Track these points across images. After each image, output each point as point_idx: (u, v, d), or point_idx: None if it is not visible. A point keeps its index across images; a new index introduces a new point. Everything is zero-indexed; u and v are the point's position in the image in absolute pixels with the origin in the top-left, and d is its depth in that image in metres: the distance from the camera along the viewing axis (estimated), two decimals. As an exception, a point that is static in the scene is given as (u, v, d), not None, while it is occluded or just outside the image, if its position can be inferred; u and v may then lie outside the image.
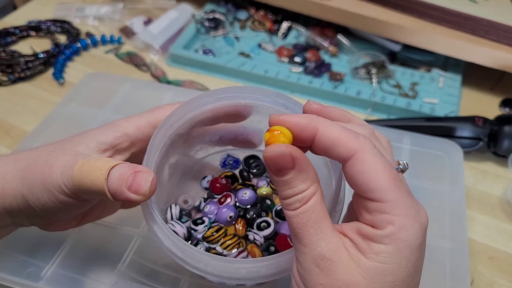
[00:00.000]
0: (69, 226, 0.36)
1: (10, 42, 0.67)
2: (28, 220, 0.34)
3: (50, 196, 0.30)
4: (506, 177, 0.52)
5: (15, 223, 0.34)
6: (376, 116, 0.59)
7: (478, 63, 0.60)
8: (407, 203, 0.24)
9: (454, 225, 0.44)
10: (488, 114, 0.55)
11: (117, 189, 0.29)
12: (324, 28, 0.69)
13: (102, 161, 0.30)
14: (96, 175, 0.29)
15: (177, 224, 0.35)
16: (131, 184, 0.29)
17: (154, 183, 0.29)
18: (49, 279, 0.38)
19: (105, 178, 0.29)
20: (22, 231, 0.40)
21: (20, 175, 0.31)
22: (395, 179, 0.24)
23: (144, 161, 0.31)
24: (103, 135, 0.33)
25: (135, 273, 0.39)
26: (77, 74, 0.63)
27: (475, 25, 0.61)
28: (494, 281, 0.43)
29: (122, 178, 0.29)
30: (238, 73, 0.63)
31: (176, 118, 0.32)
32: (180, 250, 0.29)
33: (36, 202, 0.31)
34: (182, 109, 0.32)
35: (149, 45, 0.67)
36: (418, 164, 0.49)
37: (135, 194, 0.29)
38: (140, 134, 0.34)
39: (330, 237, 0.24)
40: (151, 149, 0.32)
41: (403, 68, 0.64)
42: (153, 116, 0.34)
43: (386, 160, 0.24)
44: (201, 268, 0.29)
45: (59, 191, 0.30)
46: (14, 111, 0.58)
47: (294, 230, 0.25)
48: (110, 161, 0.30)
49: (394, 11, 0.63)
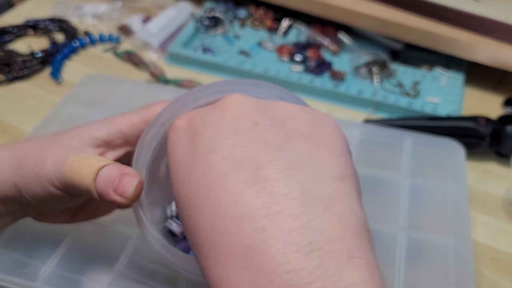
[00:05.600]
0: (61, 220, 0.36)
1: (7, 41, 0.66)
2: (21, 209, 0.34)
3: (42, 188, 0.31)
4: (509, 177, 0.52)
5: (9, 213, 0.34)
6: (378, 115, 0.59)
7: (481, 62, 0.59)
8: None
9: (457, 223, 0.43)
10: (491, 114, 0.54)
11: (103, 190, 0.29)
12: (325, 27, 0.68)
13: (92, 160, 0.30)
14: (85, 174, 0.29)
15: (174, 222, 0.34)
16: (117, 186, 0.29)
17: (139, 187, 0.29)
18: (46, 278, 0.38)
19: (93, 178, 0.29)
20: (19, 231, 0.40)
21: (14, 164, 0.31)
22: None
23: (133, 162, 0.31)
24: (98, 130, 0.33)
25: (133, 272, 0.38)
26: (75, 73, 0.63)
27: (477, 24, 0.61)
28: (497, 282, 0.43)
29: (109, 180, 0.29)
30: (238, 72, 0.62)
31: (168, 116, 0.32)
32: (170, 253, 0.30)
33: (29, 191, 0.31)
34: (174, 106, 0.32)
35: (148, 44, 0.66)
36: (420, 163, 0.48)
37: (120, 196, 0.29)
38: (135, 131, 0.34)
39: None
40: (141, 149, 0.31)
41: (404, 67, 0.64)
42: (148, 112, 0.34)
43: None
44: (189, 271, 0.29)
45: (50, 183, 0.30)
46: (11, 110, 0.57)
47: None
48: (100, 160, 0.30)
49: (395, 10, 0.63)
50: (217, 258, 0.20)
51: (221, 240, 0.20)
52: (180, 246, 0.38)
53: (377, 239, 0.42)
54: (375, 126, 0.52)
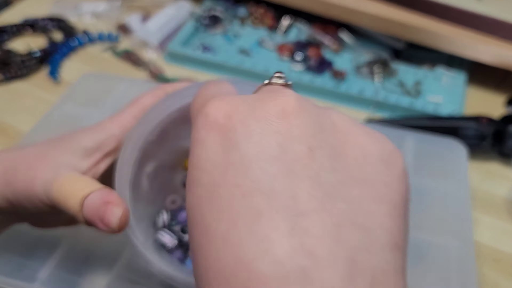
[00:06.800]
0: (59, 226, 0.37)
1: (6, 40, 0.66)
2: (16, 217, 0.34)
3: (34, 204, 0.31)
4: (511, 178, 0.52)
5: (6, 219, 0.34)
6: (379, 115, 0.58)
7: (483, 61, 0.59)
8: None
9: (459, 224, 0.43)
10: (493, 113, 0.54)
11: (91, 220, 0.29)
12: (326, 25, 0.68)
13: (77, 187, 0.30)
14: (72, 204, 0.29)
15: (166, 234, 0.34)
16: (102, 217, 0.29)
17: (124, 218, 0.29)
18: (45, 280, 0.38)
19: (79, 210, 0.29)
20: (17, 233, 0.40)
21: (4, 178, 0.31)
22: None
23: (116, 182, 0.31)
24: (88, 139, 0.33)
25: (131, 274, 0.38)
26: (74, 72, 0.62)
27: (479, 22, 0.60)
28: (500, 283, 0.43)
29: (94, 210, 0.29)
30: (237, 71, 0.62)
31: (143, 128, 0.32)
32: (167, 277, 0.31)
33: (22, 206, 0.31)
34: (148, 116, 0.32)
35: (147, 43, 0.66)
36: (422, 163, 0.48)
37: (107, 227, 0.29)
38: (127, 131, 0.33)
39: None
40: (122, 167, 0.31)
41: (406, 66, 0.63)
42: (136, 108, 0.34)
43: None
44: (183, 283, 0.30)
45: (41, 201, 0.30)
46: (9, 110, 0.57)
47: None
48: (85, 187, 0.30)
49: (397, 8, 0.62)
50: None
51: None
52: (175, 256, 0.37)
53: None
54: (376, 126, 0.52)
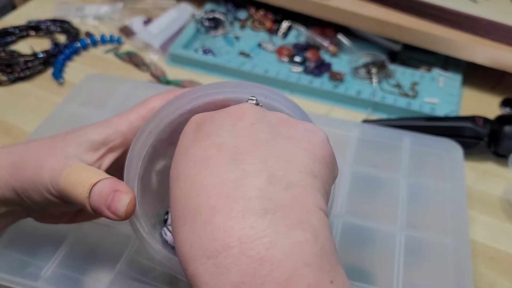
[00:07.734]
0: (63, 221, 0.37)
1: (10, 42, 0.67)
2: (22, 210, 0.34)
3: (40, 195, 0.31)
4: (506, 177, 0.52)
5: (11, 212, 0.34)
6: (376, 116, 0.59)
7: (479, 62, 0.60)
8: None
9: (455, 223, 0.44)
10: (488, 114, 0.55)
11: (97, 207, 0.29)
12: (324, 28, 0.69)
13: (86, 174, 0.30)
14: (79, 191, 0.30)
15: (169, 231, 0.35)
16: (109, 204, 0.29)
17: (131, 205, 0.29)
18: (49, 278, 0.38)
19: (87, 196, 0.29)
20: (21, 231, 0.40)
21: (11, 168, 0.32)
22: None
23: (125, 175, 0.31)
24: (95, 133, 0.33)
25: (134, 271, 0.39)
26: (77, 74, 0.63)
27: (475, 24, 0.61)
28: (495, 281, 0.43)
29: (102, 197, 0.29)
30: (238, 72, 0.62)
31: (154, 124, 0.32)
32: (170, 262, 0.31)
33: (28, 196, 0.32)
34: (160, 114, 0.32)
35: (149, 45, 0.67)
36: (418, 163, 0.49)
37: (113, 214, 0.29)
38: (134, 128, 0.34)
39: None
40: (131, 161, 0.32)
41: (403, 68, 0.64)
42: (144, 109, 0.34)
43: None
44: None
45: (47, 191, 0.31)
46: (13, 111, 0.58)
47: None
48: (94, 175, 0.30)
49: (394, 11, 0.63)
50: (185, 218, 0.23)
51: (192, 203, 0.23)
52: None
53: (376, 238, 0.43)
54: (374, 126, 0.53)
